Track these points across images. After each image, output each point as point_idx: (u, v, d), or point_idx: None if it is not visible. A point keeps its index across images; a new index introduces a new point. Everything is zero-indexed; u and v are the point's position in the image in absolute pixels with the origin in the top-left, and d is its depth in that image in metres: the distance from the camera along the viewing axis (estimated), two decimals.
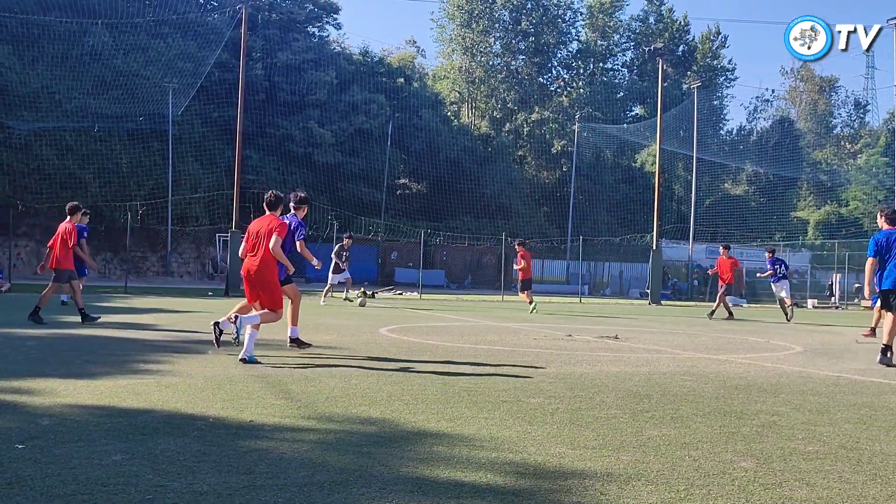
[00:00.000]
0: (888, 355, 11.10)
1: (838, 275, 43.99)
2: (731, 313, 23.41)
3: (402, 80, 60.90)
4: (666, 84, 48.84)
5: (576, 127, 60.78)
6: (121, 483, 4.04)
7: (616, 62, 75.49)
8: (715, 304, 24.07)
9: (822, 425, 6.32)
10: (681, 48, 73.19)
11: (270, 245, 9.24)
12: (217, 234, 43.92)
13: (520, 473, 4.53)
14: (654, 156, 44.51)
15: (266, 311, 9.37)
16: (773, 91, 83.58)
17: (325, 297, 24.34)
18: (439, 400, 6.88)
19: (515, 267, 23.96)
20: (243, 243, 9.71)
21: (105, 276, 39.67)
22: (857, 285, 47.81)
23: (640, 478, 4.49)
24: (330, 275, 24.60)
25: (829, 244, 51.30)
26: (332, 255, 24.59)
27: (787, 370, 10.15)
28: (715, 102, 73.25)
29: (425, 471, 4.50)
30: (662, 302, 36.91)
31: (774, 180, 66.10)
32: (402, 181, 58.33)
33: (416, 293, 34.24)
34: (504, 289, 37.98)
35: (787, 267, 24.22)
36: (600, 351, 11.90)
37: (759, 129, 79.71)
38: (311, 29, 60.05)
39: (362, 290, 29.63)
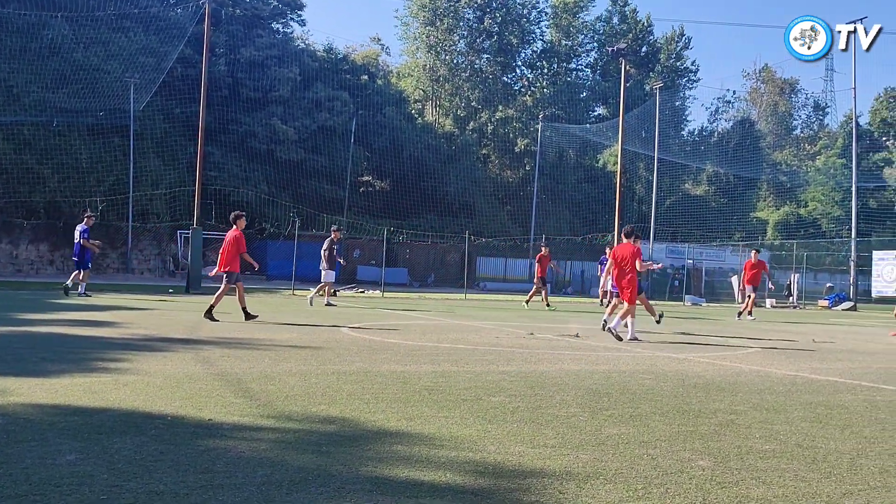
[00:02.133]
0: None
1: (796, 274, 44.58)
2: (749, 311, 24.39)
3: (366, 77, 60.68)
4: (628, 85, 49.14)
5: (539, 126, 61.01)
6: (75, 483, 3.98)
7: (580, 62, 75.66)
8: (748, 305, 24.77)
9: (779, 424, 6.41)
10: (644, 49, 73.55)
11: (637, 267, 13.88)
12: (178, 231, 43.48)
13: (479, 472, 4.54)
14: (616, 156, 44.72)
15: (626, 305, 13.86)
16: (734, 92, 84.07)
17: (328, 297, 22.78)
18: (399, 399, 6.87)
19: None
20: (609, 264, 14.95)
21: (64, 273, 39.12)
22: (828, 285, 48.54)
23: (599, 476, 4.52)
24: (327, 273, 22.53)
25: (788, 244, 51.91)
26: (323, 252, 22.63)
27: (744, 369, 10.26)
28: (677, 103, 73.73)
29: (384, 470, 4.50)
30: None
31: (734, 181, 66.80)
32: (366, 178, 58.17)
33: (378, 291, 34.17)
34: (467, 287, 37.92)
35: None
36: (561, 349, 11.97)
37: (720, 130, 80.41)
38: (274, 25, 59.70)
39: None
